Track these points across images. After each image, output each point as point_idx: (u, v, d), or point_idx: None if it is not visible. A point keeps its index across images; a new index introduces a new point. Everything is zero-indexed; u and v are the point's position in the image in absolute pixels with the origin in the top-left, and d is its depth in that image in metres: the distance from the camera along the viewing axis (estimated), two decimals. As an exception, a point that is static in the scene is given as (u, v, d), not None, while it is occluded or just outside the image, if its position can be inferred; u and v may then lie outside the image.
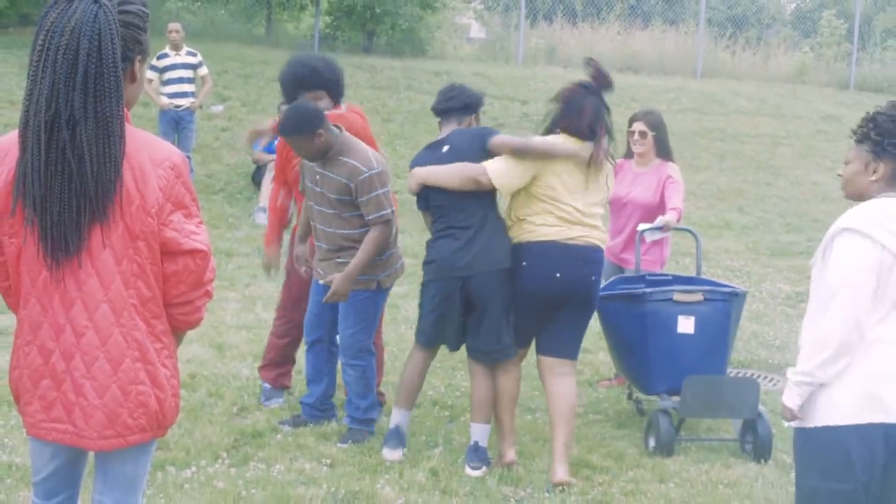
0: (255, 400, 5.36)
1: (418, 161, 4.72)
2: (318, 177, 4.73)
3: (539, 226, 4.47)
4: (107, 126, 2.32)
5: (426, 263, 4.70)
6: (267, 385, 5.41)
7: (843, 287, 2.79)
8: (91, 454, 2.63)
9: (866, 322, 2.80)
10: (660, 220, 5.62)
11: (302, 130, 4.57)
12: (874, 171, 2.91)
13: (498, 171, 4.45)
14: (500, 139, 4.55)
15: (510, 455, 4.64)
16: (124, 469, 2.55)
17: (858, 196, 2.97)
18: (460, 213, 4.57)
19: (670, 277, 5.60)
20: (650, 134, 5.93)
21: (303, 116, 4.59)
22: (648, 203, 5.87)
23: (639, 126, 5.95)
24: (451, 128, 4.76)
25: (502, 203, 4.68)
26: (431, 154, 4.70)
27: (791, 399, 2.92)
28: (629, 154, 6.04)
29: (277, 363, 5.41)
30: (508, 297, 4.58)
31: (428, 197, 4.67)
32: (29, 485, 3.77)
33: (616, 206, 6.00)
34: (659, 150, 5.97)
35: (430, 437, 4.98)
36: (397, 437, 4.72)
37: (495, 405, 4.69)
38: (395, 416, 4.77)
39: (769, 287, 9.14)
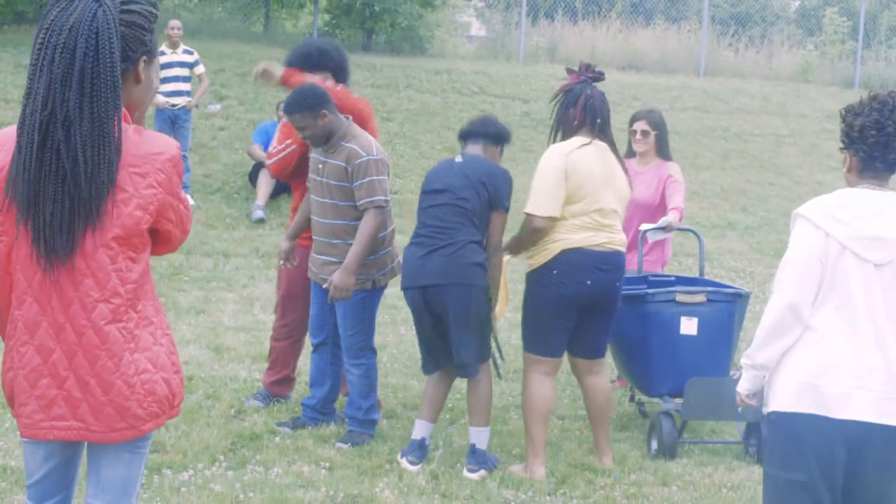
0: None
1: (432, 172, 4.76)
2: (320, 166, 4.75)
3: (565, 236, 4.50)
4: (102, 127, 2.30)
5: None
6: (263, 389, 5.36)
7: (783, 272, 2.83)
8: (85, 457, 2.61)
9: (805, 307, 2.79)
10: (662, 221, 5.59)
11: (307, 108, 4.62)
12: (845, 163, 2.94)
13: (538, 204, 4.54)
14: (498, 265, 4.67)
15: (539, 472, 4.57)
16: (117, 471, 2.53)
17: None
18: (437, 220, 4.56)
19: (673, 278, 5.59)
20: (652, 133, 5.90)
21: (309, 95, 4.67)
22: (649, 203, 5.84)
23: (640, 125, 5.93)
24: (474, 151, 4.77)
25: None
26: (445, 163, 4.77)
27: (741, 384, 2.99)
28: (630, 153, 6.01)
29: (276, 369, 5.33)
30: (476, 315, 4.55)
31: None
32: (24, 488, 3.73)
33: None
34: (659, 150, 5.96)
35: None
36: (421, 451, 4.65)
37: (523, 416, 4.69)
38: (420, 429, 4.70)
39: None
